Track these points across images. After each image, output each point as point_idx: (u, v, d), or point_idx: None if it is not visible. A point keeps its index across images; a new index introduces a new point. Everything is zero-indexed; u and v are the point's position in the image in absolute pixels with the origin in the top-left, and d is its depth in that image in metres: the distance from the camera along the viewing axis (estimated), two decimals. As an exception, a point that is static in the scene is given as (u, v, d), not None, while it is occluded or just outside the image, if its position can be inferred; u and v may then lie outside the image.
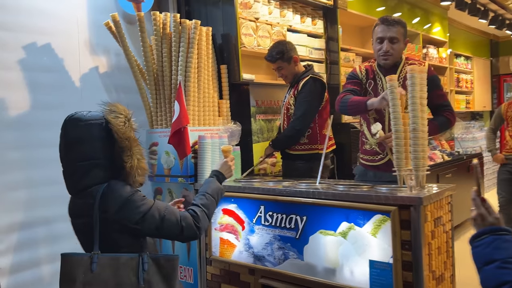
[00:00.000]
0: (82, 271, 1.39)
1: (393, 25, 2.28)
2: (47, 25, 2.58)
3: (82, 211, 1.47)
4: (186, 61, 2.63)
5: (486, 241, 0.95)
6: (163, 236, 1.58)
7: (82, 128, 1.47)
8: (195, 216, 1.58)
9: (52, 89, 2.61)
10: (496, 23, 6.30)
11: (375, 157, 2.40)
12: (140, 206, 1.48)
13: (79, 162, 1.47)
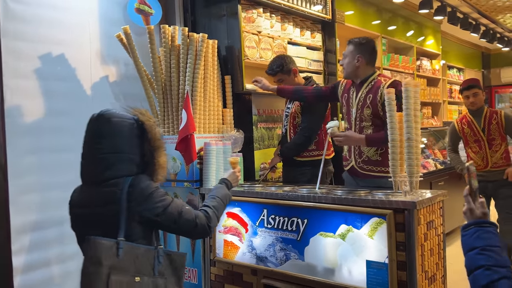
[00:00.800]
0: (109, 255, 1.48)
1: (347, 44, 2.63)
2: (62, 36, 2.72)
3: (107, 199, 1.55)
4: (194, 72, 2.78)
5: (471, 231, 1.11)
6: (178, 230, 1.69)
7: (115, 123, 1.59)
8: (207, 216, 1.70)
9: (65, 97, 2.73)
10: (487, 37, 6.52)
11: (346, 162, 2.70)
12: (162, 200, 1.60)
13: (107, 153, 1.57)
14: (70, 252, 2.70)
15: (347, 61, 2.59)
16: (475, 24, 6.02)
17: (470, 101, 3.57)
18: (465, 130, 3.66)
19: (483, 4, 5.47)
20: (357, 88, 2.59)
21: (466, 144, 3.72)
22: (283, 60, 2.97)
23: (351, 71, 2.58)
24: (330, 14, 3.80)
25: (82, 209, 1.61)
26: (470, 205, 1.17)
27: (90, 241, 1.50)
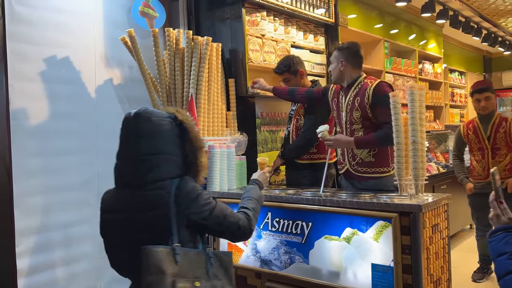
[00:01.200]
0: (168, 263, 1.42)
1: (333, 51, 2.72)
2: (67, 39, 2.73)
3: (153, 203, 1.48)
4: (198, 75, 2.78)
5: (499, 237, 1.11)
6: (222, 233, 1.63)
7: (155, 123, 1.53)
8: (248, 218, 1.66)
9: (69, 100, 2.74)
10: (489, 41, 6.54)
11: (340, 166, 2.73)
12: (208, 203, 1.55)
13: (150, 154, 1.50)
14: (74, 255, 2.71)
15: (333, 66, 2.65)
16: (477, 28, 6.03)
17: (481, 105, 3.37)
18: (469, 136, 3.47)
19: (485, 8, 5.49)
20: (345, 92, 2.63)
21: (470, 150, 3.55)
22: (291, 61, 2.99)
23: (337, 76, 2.63)
24: (333, 17, 3.81)
25: (119, 214, 1.53)
26: (496, 211, 1.17)
27: (146, 250, 1.42)
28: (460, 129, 3.61)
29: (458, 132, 3.64)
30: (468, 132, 3.50)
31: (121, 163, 1.57)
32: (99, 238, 2.85)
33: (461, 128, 3.59)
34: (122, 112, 3.02)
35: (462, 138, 3.57)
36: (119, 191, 1.57)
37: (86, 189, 2.79)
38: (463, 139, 3.57)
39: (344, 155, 2.64)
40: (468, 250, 4.64)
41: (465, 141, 3.56)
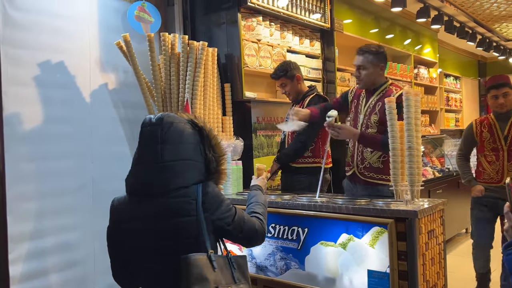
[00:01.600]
0: (208, 270, 1.42)
1: (361, 54, 2.55)
2: (61, 44, 2.71)
3: (179, 210, 1.45)
4: (193, 80, 2.78)
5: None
6: (241, 239, 1.62)
7: (180, 128, 1.50)
8: (262, 222, 1.67)
9: (64, 105, 2.72)
10: (484, 45, 6.58)
11: (348, 168, 2.71)
12: (231, 209, 1.55)
13: (174, 161, 1.47)
14: (68, 261, 2.68)
15: (369, 71, 2.52)
16: (472, 33, 6.07)
17: (499, 102, 3.03)
18: (483, 135, 3.12)
19: (480, 13, 5.53)
20: (368, 95, 2.61)
21: (481, 150, 3.17)
22: (288, 66, 2.99)
23: (371, 80, 2.55)
24: (328, 22, 3.82)
25: (137, 223, 1.48)
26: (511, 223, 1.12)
27: (189, 259, 1.39)
28: (471, 126, 3.22)
29: (469, 129, 3.24)
30: (482, 129, 3.13)
31: (140, 170, 1.52)
32: (93, 244, 2.83)
33: (473, 125, 3.21)
34: (117, 117, 3.02)
35: (473, 136, 3.19)
36: (136, 199, 1.51)
37: (80, 194, 2.77)
38: (474, 138, 3.19)
39: (354, 157, 2.63)
40: (464, 255, 4.65)
41: (476, 140, 3.18)
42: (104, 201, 2.85)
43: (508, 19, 5.89)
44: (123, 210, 1.53)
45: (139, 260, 1.50)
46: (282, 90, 3.06)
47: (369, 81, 2.55)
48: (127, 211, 1.52)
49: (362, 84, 2.58)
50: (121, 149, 3.02)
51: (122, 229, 1.53)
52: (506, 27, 6.35)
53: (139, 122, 3.05)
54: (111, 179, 2.93)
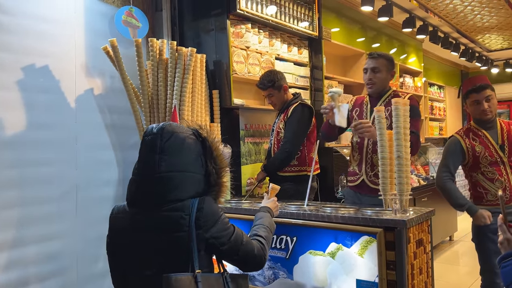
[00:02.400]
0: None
1: (376, 58, 2.56)
2: (47, 48, 2.65)
3: (171, 225, 1.39)
4: (182, 86, 2.75)
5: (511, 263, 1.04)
6: (236, 261, 1.52)
7: (181, 138, 1.45)
8: (263, 247, 1.56)
9: (48, 110, 2.66)
10: (467, 56, 6.71)
11: (354, 177, 2.62)
12: (228, 228, 1.47)
13: (172, 172, 1.41)
14: (50, 271, 2.60)
15: (383, 75, 2.53)
16: (455, 43, 6.19)
17: (482, 109, 2.56)
18: (476, 149, 2.56)
19: (463, 24, 5.63)
20: (373, 101, 2.59)
21: (475, 169, 2.59)
22: (275, 76, 2.98)
23: (382, 86, 2.56)
24: (316, 31, 3.84)
25: (135, 234, 1.44)
26: (506, 235, 1.12)
27: (170, 279, 1.33)
28: (458, 142, 2.63)
29: (454, 145, 2.63)
30: (472, 143, 2.57)
31: (138, 180, 1.47)
32: (76, 253, 2.77)
33: (460, 140, 2.62)
34: (103, 123, 2.97)
35: (462, 153, 2.61)
36: (134, 209, 1.48)
37: (64, 202, 2.70)
38: (463, 155, 2.61)
39: (361, 165, 2.55)
40: (448, 262, 4.70)
41: (465, 157, 2.61)
42: (89, 209, 2.82)
43: (490, 31, 6.02)
44: (121, 219, 1.50)
45: (135, 271, 1.46)
46: (268, 100, 3.07)
47: (381, 85, 2.55)
48: (125, 221, 1.48)
49: (375, 88, 2.55)
50: (106, 155, 2.97)
51: (119, 239, 1.49)
52: (488, 38, 6.49)
53: (126, 128, 3.06)
54: (96, 186, 2.88)
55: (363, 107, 2.63)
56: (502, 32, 6.12)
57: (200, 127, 1.55)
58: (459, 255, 5.13)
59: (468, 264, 4.79)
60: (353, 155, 2.67)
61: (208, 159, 1.50)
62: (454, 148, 2.65)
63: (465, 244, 5.53)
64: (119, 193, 3.00)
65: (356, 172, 2.60)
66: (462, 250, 5.31)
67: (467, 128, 2.69)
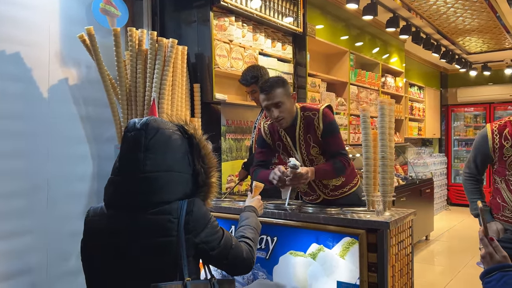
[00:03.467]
0: None
1: (271, 91, 2.15)
2: (18, 34, 2.51)
3: (159, 229, 1.30)
4: (161, 79, 2.65)
5: (495, 277, 1.02)
6: (225, 265, 1.45)
7: (166, 135, 1.35)
8: (251, 249, 1.50)
9: (19, 100, 2.52)
10: (447, 57, 6.79)
11: (311, 197, 2.43)
12: (218, 232, 1.39)
13: (157, 172, 1.31)
14: (18, 269, 2.48)
15: (288, 106, 2.16)
16: (437, 45, 6.24)
17: None
18: (505, 152, 2.07)
19: (445, 26, 5.68)
20: (290, 132, 2.25)
21: (500, 174, 2.13)
22: (259, 72, 2.89)
23: (291, 115, 2.20)
24: (301, 26, 3.78)
25: (113, 239, 1.32)
26: (488, 249, 1.09)
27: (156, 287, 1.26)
28: (486, 135, 2.16)
29: (482, 138, 2.18)
30: (502, 143, 2.07)
31: (119, 180, 1.35)
32: (47, 250, 2.64)
33: (489, 133, 2.14)
34: (77, 114, 2.84)
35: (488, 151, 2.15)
36: (113, 212, 1.36)
37: (34, 196, 2.58)
38: (489, 153, 2.15)
39: (313, 188, 2.36)
40: (424, 262, 4.75)
41: (491, 156, 2.15)
42: (60, 204, 2.70)
43: (471, 33, 6.10)
44: (98, 222, 1.37)
45: (115, 280, 1.35)
46: (251, 97, 2.96)
47: (290, 115, 2.20)
48: (102, 224, 1.36)
49: (285, 122, 2.20)
50: (80, 149, 2.84)
51: (95, 244, 1.37)
52: (469, 41, 6.57)
53: (101, 121, 2.94)
54: (69, 181, 2.75)
55: (282, 139, 2.31)
56: (482, 35, 6.21)
57: (185, 122, 1.44)
58: (435, 254, 5.19)
59: (443, 264, 4.85)
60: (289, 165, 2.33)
61: (196, 157, 1.40)
62: (480, 142, 2.19)
63: (441, 244, 5.61)
64: (93, 189, 2.88)
65: (310, 193, 2.41)
66: (438, 249, 5.38)
67: (507, 122, 2.13)
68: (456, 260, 4.82)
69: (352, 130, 4.98)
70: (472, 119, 8.99)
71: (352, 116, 4.98)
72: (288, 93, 2.20)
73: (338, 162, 2.20)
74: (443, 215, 7.48)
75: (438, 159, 7.86)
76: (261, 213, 1.86)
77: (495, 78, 8.37)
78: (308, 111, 2.24)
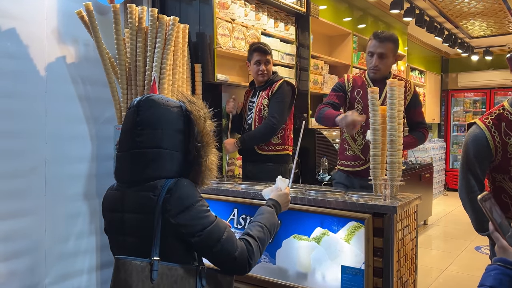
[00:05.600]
0: (140, 278, 1.22)
1: (384, 41, 2.40)
2: (13, 8, 2.41)
3: (140, 205, 1.29)
4: (162, 58, 2.57)
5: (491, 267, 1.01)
6: (211, 259, 1.33)
7: (159, 112, 1.32)
8: (250, 249, 1.35)
9: (15, 77, 2.44)
10: (450, 41, 6.70)
11: (356, 162, 2.50)
12: (203, 218, 1.29)
13: (146, 148, 1.30)
14: (16, 250, 2.44)
15: (389, 62, 2.44)
16: (440, 28, 6.15)
17: None
18: (509, 149, 1.76)
19: (450, 8, 5.58)
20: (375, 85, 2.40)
21: (502, 171, 1.80)
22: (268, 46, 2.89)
23: (387, 72, 2.48)
24: (305, 6, 3.69)
25: (113, 213, 1.37)
26: (501, 243, 1.02)
27: (119, 261, 1.25)
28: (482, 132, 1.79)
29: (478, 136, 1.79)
30: (504, 140, 1.77)
31: (119, 156, 1.38)
32: (45, 231, 2.60)
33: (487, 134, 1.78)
34: (75, 94, 2.76)
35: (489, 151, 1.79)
36: (117, 187, 1.40)
37: (32, 177, 2.52)
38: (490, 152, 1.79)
39: (366, 151, 2.34)
40: (423, 246, 4.76)
41: (493, 155, 1.79)
42: (59, 184, 2.64)
43: (476, 16, 6.00)
44: (108, 196, 1.42)
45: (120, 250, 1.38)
46: (263, 67, 2.81)
47: (386, 71, 2.46)
48: (110, 198, 1.41)
49: (379, 74, 2.45)
50: (79, 129, 2.78)
51: (106, 218, 1.43)
52: (472, 24, 6.47)
53: (100, 101, 2.86)
54: (67, 161, 2.70)
55: (365, 88, 2.48)
56: (486, 19, 6.11)
57: (188, 100, 1.39)
58: (433, 238, 5.20)
59: (442, 248, 4.86)
60: (354, 138, 2.48)
61: (192, 135, 1.34)
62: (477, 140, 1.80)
63: (439, 229, 5.63)
64: (92, 170, 2.83)
65: (360, 157, 2.45)
66: (436, 234, 5.39)
67: (498, 115, 1.80)
68: (454, 245, 4.84)
69: (353, 114, 4.92)
70: (471, 105, 8.94)
71: (354, 100, 4.91)
72: (395, 52, 2.43)
73: (420, 133, 2.55)
74: (440, 200, 7.51)
75: (437, 144, 7.84)
76: (285, 209, 1.68)
77: (497, 63, 8.29)
78: (399, 78, 2.48)
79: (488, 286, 0.97)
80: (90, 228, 2.82)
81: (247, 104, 2.98)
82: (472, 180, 1.79)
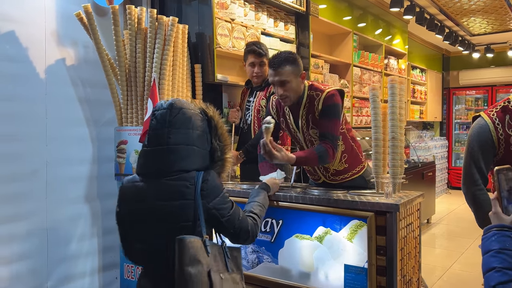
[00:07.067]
0: (201, 253, 1.45)
1: (278, 68, 2.08)
2: (12, 12, 2.42)
3: (176, 193, 1.50)
4: (162, 59, 2.56)
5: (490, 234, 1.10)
6: (231, 234, 1.61)
7: (188, 115, 1.55)
8: (256, 224, 1.68)
9: (15, 80, 2.44)
10: (450, 39, 6.67)
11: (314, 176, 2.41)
12: (228, 202, 1.58)
13: (180, 145, 1.52)
14: (18, 253, 2.43)
15: (293, 85, 2.09)
16: (440, 26, 6.12)
17: None
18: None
19: (451, 6, 5.56)
20: (294, 110, 2.20)
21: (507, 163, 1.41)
22: (265, 47, 2.83)
23: (297, 94, 2.14)
24: (304, 5, 3.68)
25: (141, 204, 1.53)
26: (496, 209, 1.14)
27: (183, 241, 1.43)
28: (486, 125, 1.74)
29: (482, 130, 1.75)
30: (508, 133, 1.71)
31: (147, 151, 1.57)
32: (46, 234, 2.59)
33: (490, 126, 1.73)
34: (75, 95, 2.76)
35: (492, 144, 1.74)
36: (142, 179, 1.56)
37: (33, 180, 2.52)
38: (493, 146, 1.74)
39: (315, 169, 2.33)
40: (426, 245, 4.73)
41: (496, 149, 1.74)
42: (60, 187, 2.64)
43: (476, 14, 5.97)
44: (129, 189, 1.58)
45: (142, 239, 1.54)
46: (257, 69, 2.78)
47: (296, 94, 2.14)
48: (132, 190, 1.57)
49: (289, 100, 2.15)
50: (79, 131, 2.77)
51: (127, 208, 1.58)
52: (473, 22, 6.45)
53: (100, 103, 2.86)
54: (68, 163, 2.69)
55: (286, 116, 2.27)
56: (487, 16, 6.09)
57: (206, 106, 1.64)
58: (437, 237, 5.18)
59: (445, 247, 4.84)
60: None
61: (213, 136, 1.60)
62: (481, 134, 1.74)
63: (443, 227, 5.60)
64: (93, 172, 2.82)
65: (313, 172, 2.38)
66: (440, 232, 5.37)
67: (504, 107, 1.75)
68: (457, 243, 4.81)
69: (355, 113, 4.91)
70: (473, 102, 8.90)
71: (355, 99, 4.90)
72: (297, 72, 2.10)
73: (323, 149, 2.06)
74: (443, 198, 7.48)
75: (439, 142, 7.82)
76: (275, 190, 2.08)
77: (498, 61, 8.26)
78: (313, 91, 2.16)
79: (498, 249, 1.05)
80: (92, 230, 2.81)
81: (244, 103, 2.97)
82: (476, 174, 1.74)
